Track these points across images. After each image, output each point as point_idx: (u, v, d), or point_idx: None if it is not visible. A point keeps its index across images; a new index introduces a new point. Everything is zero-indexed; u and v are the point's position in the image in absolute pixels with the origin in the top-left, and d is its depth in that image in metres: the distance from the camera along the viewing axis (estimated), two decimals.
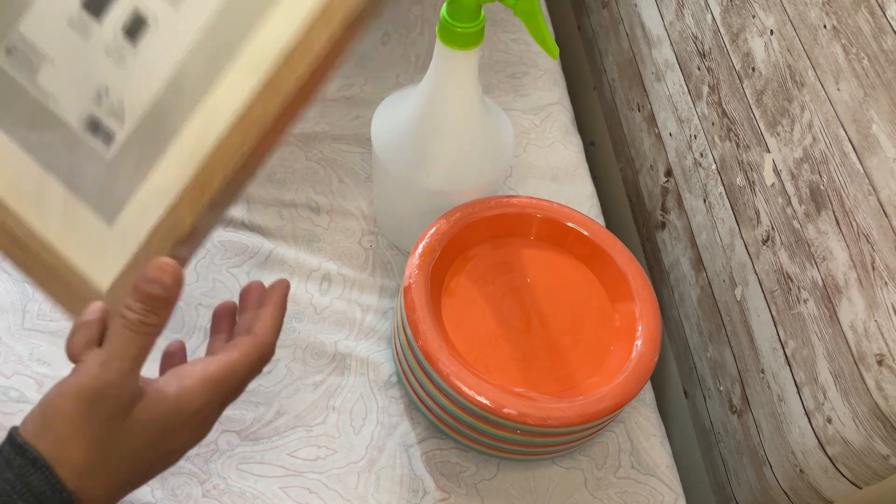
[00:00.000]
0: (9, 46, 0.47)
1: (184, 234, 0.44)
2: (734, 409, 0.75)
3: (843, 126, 0.59)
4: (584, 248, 0.72)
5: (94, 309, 0.44)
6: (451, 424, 0.66)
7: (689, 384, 0.85)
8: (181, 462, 0.65)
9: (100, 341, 0.43)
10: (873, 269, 0.56)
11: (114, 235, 0.45)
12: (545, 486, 0.69)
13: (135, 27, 0.47)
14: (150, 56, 0.46)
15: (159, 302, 0.42)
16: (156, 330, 0.42)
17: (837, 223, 0.60)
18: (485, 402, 0.61)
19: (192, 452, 0.66)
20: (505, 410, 0.61)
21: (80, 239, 0.46)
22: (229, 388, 0.46)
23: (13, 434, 0.41)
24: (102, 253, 0.46)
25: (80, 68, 0.48)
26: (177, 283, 0.42)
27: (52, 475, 0.40)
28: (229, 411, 0.68)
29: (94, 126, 0.46)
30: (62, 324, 0.70)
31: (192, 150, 0.44)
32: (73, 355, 0.42)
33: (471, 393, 0.61)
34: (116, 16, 0.47)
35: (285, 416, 0.69)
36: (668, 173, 0.88)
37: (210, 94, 0.44)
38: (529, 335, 0.68)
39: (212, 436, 0.65)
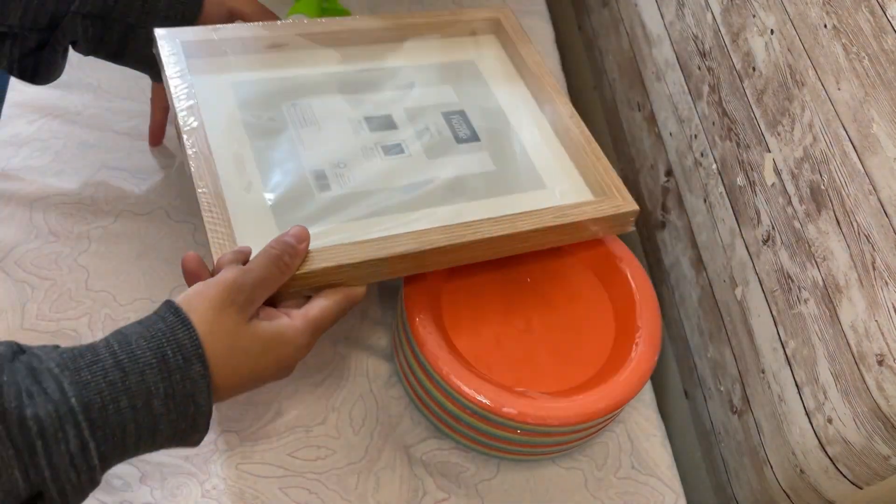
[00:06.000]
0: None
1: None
2: (734, 409, 0.75)
3: (843, 126, 0.59)
4: (585, 247, 0.72)
5: (246, 249, 0.57)
6: (451, 424, 0.66)
7: (690, 384, 0.85)
8: (180, 462, 0.65)
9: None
10: (874, 268, 0.56)
11: None
12: (545, 487, 0.69)
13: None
14: None
15: (292, 249, 0.56)
16: (287, 270, 0.55)
17: (838, 223, 0.60)
18: (485, 401, 0.61)
19: (191, 452, 0.66)
20: (505, 410, 0.61)
21: None
22: (322, 327, 0.57)
23: (169, 301, 0.51)
24: None
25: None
26: (305, 242, 0.57)
27: (195, 333, 0.49)
28: (229, 411, 0.68)
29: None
30: (62, 324, 0.70)
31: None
32: (220, 265, 0.55)
33: (471, 392, 0.61)
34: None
35: (285, 417, 0.68)
36: (669, 173, 0.88)
37: None
38: (529, 335, 0.68)
39: (211, 436, 0.65)
